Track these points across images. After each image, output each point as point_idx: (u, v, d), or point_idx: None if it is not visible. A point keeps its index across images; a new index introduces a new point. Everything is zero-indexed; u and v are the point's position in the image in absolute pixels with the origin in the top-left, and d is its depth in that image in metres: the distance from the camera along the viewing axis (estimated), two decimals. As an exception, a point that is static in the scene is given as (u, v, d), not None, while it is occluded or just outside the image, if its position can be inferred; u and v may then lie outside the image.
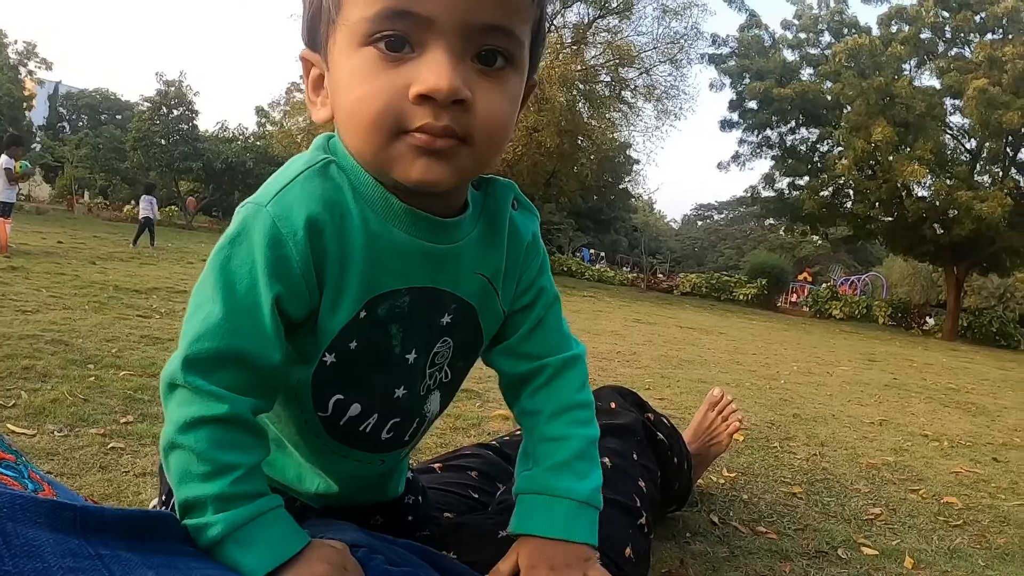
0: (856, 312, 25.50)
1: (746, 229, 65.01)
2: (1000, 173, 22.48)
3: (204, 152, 29.28)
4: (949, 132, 23.70)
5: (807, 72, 25.11)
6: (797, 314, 25.93)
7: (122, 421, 2.40)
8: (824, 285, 33.47)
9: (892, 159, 21.22)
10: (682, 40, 24.00)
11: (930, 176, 21.78)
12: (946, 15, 22.31)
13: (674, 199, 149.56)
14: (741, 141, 26.57)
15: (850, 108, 22.30)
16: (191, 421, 0.76)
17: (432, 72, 0.74)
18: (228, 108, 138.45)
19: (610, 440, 1.49)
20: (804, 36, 25.17)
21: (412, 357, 0.93)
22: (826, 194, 24.79)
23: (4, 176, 9.93)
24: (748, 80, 24.85)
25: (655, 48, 24.03)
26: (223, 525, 0.75)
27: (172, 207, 28.77)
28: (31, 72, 41.81)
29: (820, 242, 37.13)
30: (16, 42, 39.85)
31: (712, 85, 26.46)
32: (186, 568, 0.70)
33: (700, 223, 77.65)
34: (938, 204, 21.65)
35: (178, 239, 18.10)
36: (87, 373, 2.96)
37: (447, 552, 1.03)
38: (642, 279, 30.91)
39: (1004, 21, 20.75)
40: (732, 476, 2.73)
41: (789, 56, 25.38)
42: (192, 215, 29.09)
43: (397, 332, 0.90)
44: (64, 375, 2.88)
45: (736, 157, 26.87)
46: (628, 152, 30.03)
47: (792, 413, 4.31)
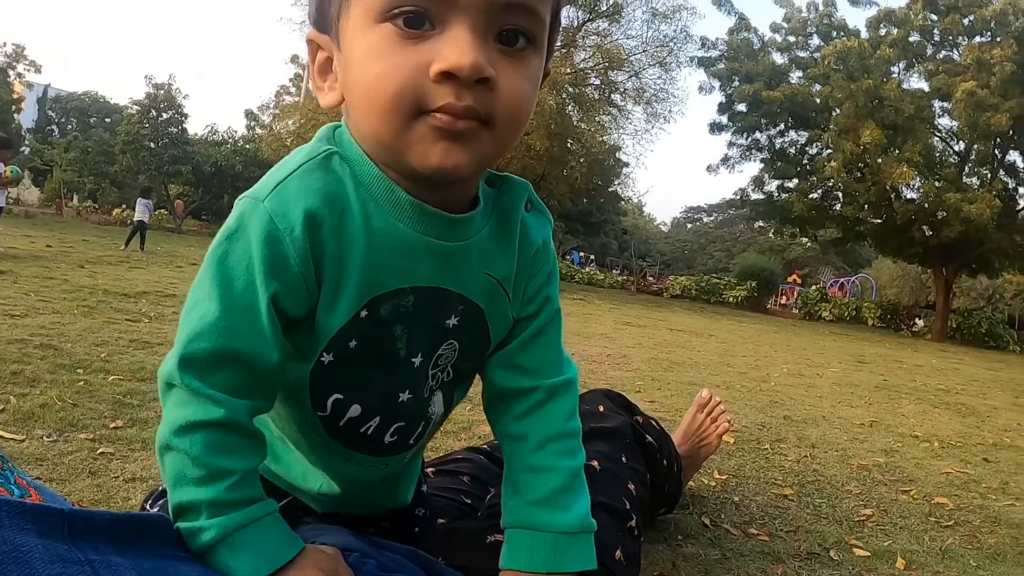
0: (845, 314, 25.59)
1: (735, 231, 65.23)
2: (988, 175, 22.66)
3: (193, 155, 29.14)
4: (938, 134, 23.86)
5: (796, 75, 25.27)
6: (787, 316, 26.01)
7: (111, 426, 2.38)
8: (814, 287, 33.57)
9: (881, 161, 21.36)
10: (671, 43, 23.99)
11: (919, 178, 21.93)
12: (934, 18, 22.49)
13: (664, 202, 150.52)
14: (730, 144, 26.76)
15: (839, 111, 22.45)
16: (187, 425, 0.74)
17: (455, 49, 0.71)
18: (217, 111, 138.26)
19: (599, 443, 1.49)
20: (793, 39, 25.33)
21: (418, 361, 0.90)
22: (815, 196, 24.93)
23: (-7, 180, 9.86)
24: (737, 83, 25.00)
25: (644, 51, 24.02)
26: (216, 530, 0.74)
27: (162, 210, 28.65)
28: (20, 75, 41.80)
29: (809, 244, 37.36)
30: (4, 45, 39.83)
31: (701, 88, 26.68)
32: (176, 573, 0.69)
33: (690, 226, 77.92)
34: (927, 206, 21.79)
35: (167, 243, 18.01)
36: (76, 378, 2.93)
37: (439, 558, 1.02)
38: (632, 282, 30.96)
39: (992, 24, 20.90)
40: (723, 478, 2.73)
41: (778, 59, 25.53)
42: (181, 218, 28.95)
43: (402, 333, 0.87)
44: (53, 380, 2.86)
45: (725, 160, 27.03)
46: (618, 155, 29.99)
47: (783, 415, 4.32)
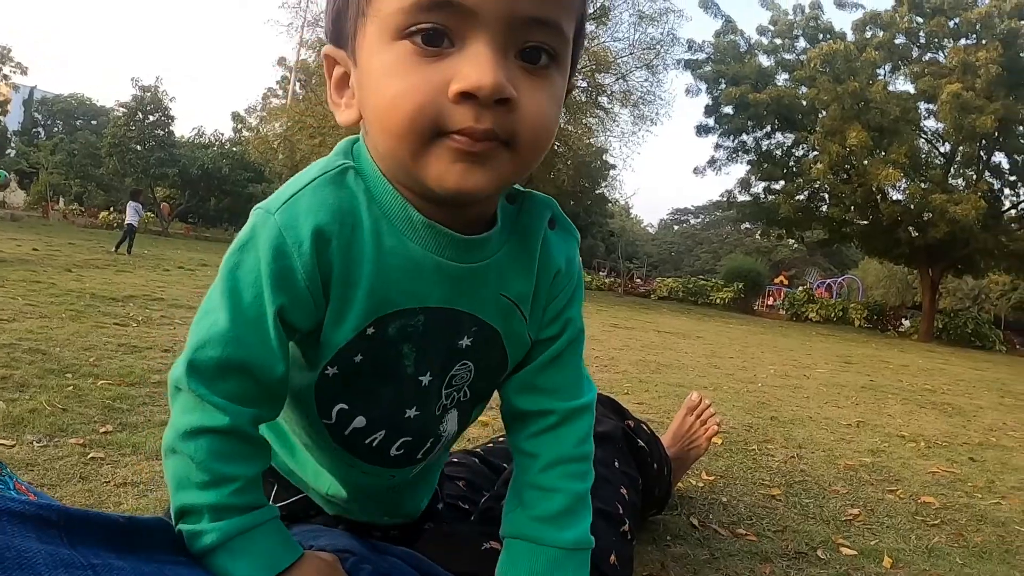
0: (832, 315, 25.70)
1: (722, 233, 65.40)
2: (974, 176, 22.83)
3: (180, 158, 28.95)
4: (923, 136, 24.00)
5: (782, 77, 25.36)
6: (774, 317, 26.10)
7: (101, 431, 2.38)
8: (800, 288, 33.63)
9: (867, 163, 21.46)
10: (658, 46, 24.05)
11: (905, 180, 22.05)
12: (920, 20, 22.60)
13: (651, 204, 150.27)
14: (717, 146, 26.84)
15: (825, 113, 22.53)
16: (192, 430, 0.75)
17: (475, 67, 0.68)
18: (204, 114, 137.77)
19: (591, 448, 1.50)
20: (779, 42, 25.42)
21: (427, 379, 0.89)
22: (802, 198, 25.02)
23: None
24: (724, 85, 25.07)
25: (631, 54, 24.08)
26: (217, 534, 0.74)
27: (149, 213, 28.50)
28: (6, 77, 41.62)
29: (796, 246, 37.46)
30: (-9, 47, 39.57)
31: (688, 90, 26.80)
32: (176, 578, 0.70)
33: (677, 228, 78.06)
34: (913, 207, 21.90)
35: (155, 246, 17.91)
36: (65, 382, 2.92)
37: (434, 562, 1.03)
38: (619, 284, 31.06)
39: (977, 26, 21.02)
40: (711, 479, 2.74)
41: (765, 61, 25.61)
42: (168, 221, 28.80)
43: (409, 352, 0.86)
44: (42, 385, 2.85)
45: (712, 162, 27.10)
46: (604, 157, 29.99)
47: (770, 416, 4.33)
